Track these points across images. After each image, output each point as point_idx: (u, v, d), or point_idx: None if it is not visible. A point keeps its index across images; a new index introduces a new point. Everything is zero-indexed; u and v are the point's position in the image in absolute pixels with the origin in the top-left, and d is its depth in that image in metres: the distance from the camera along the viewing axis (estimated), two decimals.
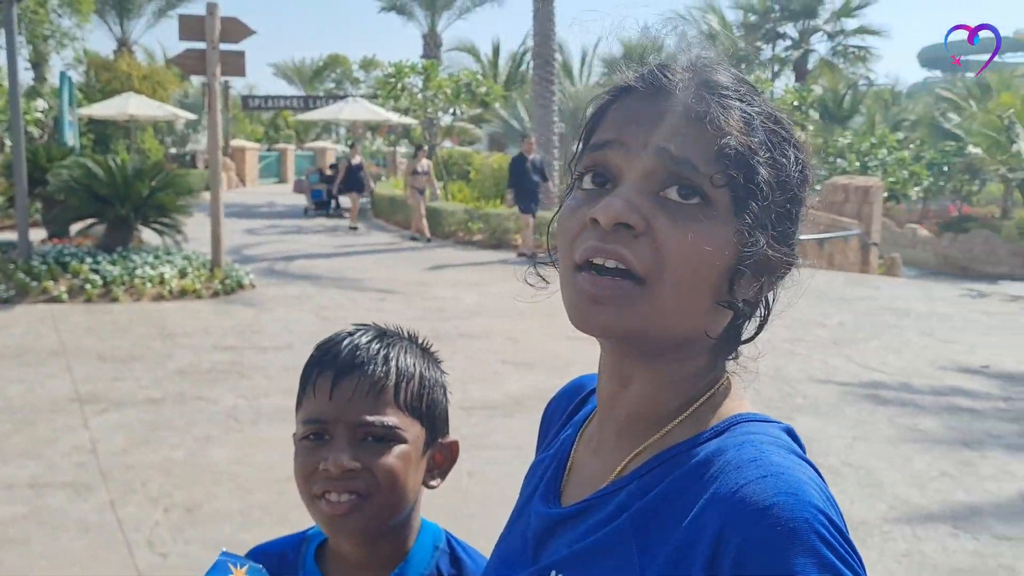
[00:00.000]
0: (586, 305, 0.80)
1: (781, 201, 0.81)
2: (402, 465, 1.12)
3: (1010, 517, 4.38)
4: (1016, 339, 8.65)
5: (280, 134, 42.06)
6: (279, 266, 12.62)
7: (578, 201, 0.83)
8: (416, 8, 29.68)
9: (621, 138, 0.81)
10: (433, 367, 1.22)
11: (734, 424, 0.82)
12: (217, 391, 6.20)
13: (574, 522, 0.86)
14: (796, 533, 0.68)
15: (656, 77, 0.83)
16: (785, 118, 0.85)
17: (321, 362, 1.15)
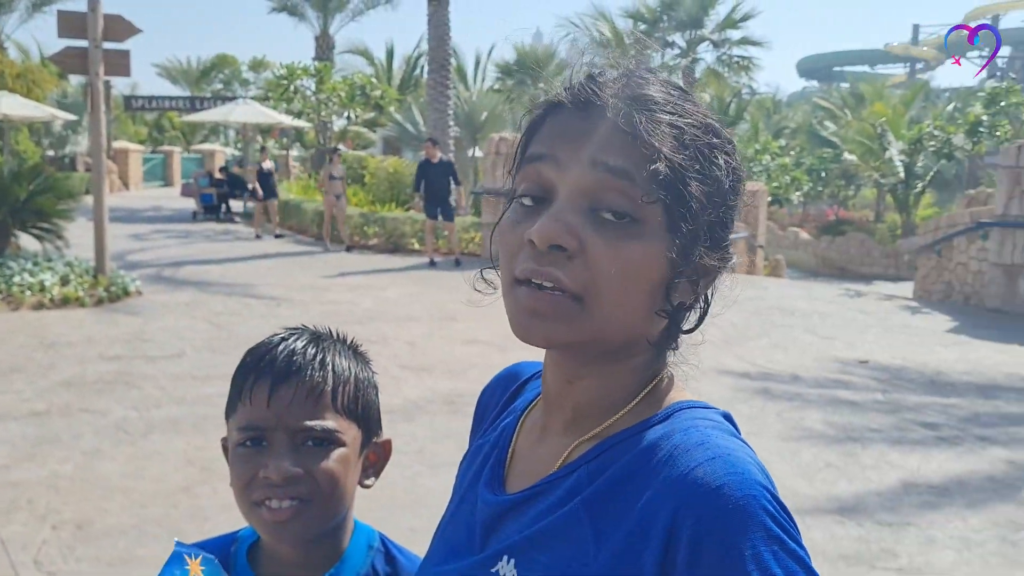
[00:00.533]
0: (527, 318, 0.82)
1: (713, 211, 0.83)
2: (342, 468, 1.13)
3: (891, 504, 4.64)
4: (890, 336, 9.14)
5: (165, 136, 40.64)
6: (167, 272, 12.20)
7: (517, 216, 0.84)
8: (308, 9, 29.17)
9: (554, 152, 0.82)
10: (365, 368, 1.22)
11: (677, 411, 0.85)
12: (105, 402, 5.95)
13: (523, 508, 0.87)
14: (746, 510, 0.73)
15: (586, 92, 0.84)
16: (716, 124, 0.86)
17: (257, 368, 1.13)
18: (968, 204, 14.84)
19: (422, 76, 31.52)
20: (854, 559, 3.97)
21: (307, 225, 17.79)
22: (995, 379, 7.42)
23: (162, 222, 19.89)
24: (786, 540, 0.73)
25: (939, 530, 4.31)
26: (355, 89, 18.53)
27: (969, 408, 6.48)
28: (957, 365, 7.85)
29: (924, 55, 66.45)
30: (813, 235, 23.55)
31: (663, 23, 28.13)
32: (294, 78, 18.19)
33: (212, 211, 21.07)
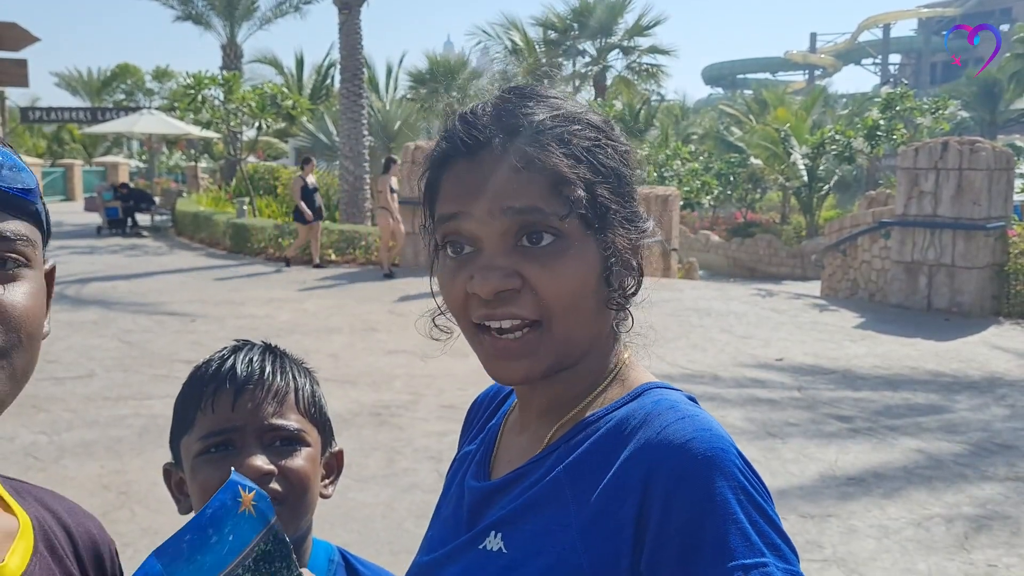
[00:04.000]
0: (501, 363, 0.88)
1: (619, 197, 0.90)
2: (311, 467, 1.12)
3: (812, 496, 4.77)
4: (802, 333, 9.42)
5: (65, 149, 39.16)
6: (71, 290, 11.73)
7: (451, 270, 0.89)
8: (214, 18, 28.48)
9: (466, 209, 0.86)
10: (315, 382, 1.22)
11: (645, 391, 0.91)
12: (11, 427, 5.68)
13: (508, 489, 0.92)
14: (714, 460, 0.77)
15: (468, 138, 0.87)
16: (594, 117, 0.91)
17: (216, 378, 1.13)
18: (868, 204, 15.42)
19: (333, 85, 31.19)
20: None
21: (219, 238, 17.36)
22: (902, 372, 7.71)
23: (64, 238, 19.14)
24: (753, 492, 0.77)
25: (859, 520, 4.45)
26: (266, 99, 18.17)
27: (880, 401, 6.73)
28: (866, 360, 8.14)
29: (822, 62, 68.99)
30: (724, 238, 24.13)
31: (574, 31, 28.48)
32: (201, 88, 17.73)
33: (118, 225, 20.39)
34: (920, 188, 10.98)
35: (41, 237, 0.90)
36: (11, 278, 0.83)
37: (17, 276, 0.84)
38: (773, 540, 0.76)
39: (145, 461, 5.08)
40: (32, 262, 0.86)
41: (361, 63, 18.61)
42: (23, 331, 0.83)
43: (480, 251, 0.86)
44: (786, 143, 22.38)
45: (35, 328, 0.85)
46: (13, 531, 0.90)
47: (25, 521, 0.92)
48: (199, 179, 28.35)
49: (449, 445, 5.52)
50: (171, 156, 34.19)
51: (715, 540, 0.74)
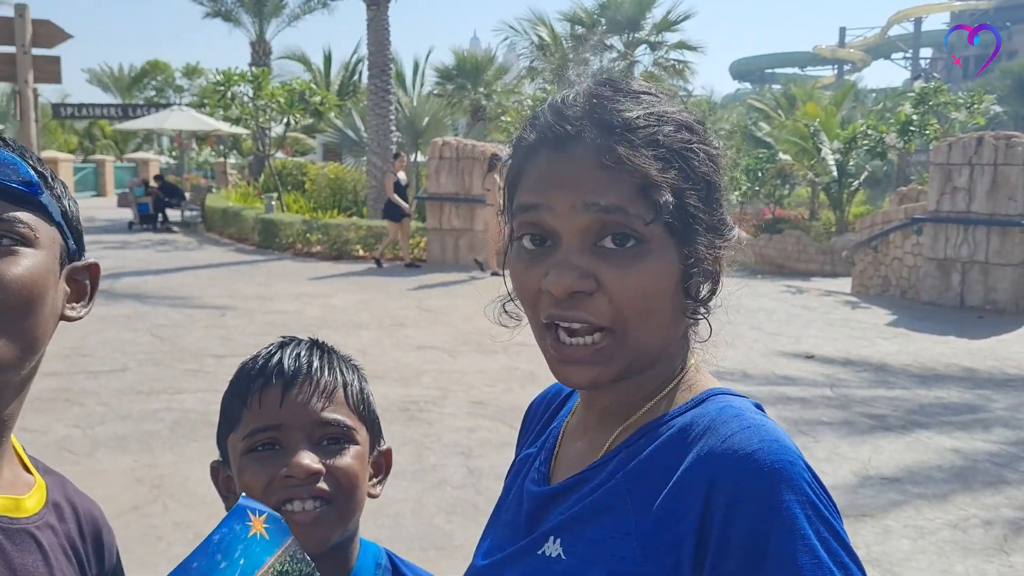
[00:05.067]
0: (568, 367, 0.86)
1: (707, 205, 0.87)
2: (359, 466, 1.09)
3: (845, 496, 4.71)
4: (833, 330, 9.33)
5: (97, 145, 39.63)
6: (104, 285, 11.80)
7: (524, 260, 0.87)
8: (243, 14, 28.67)
9: (547, 201, 0.84)
10: (363, 378, 1.19)
11: (709, 396, 0.88)
12: (45, 421, 5.75)
13: (567, 494, 0.90)
14: (781, 472, 0.75)
15: (558, 130, 0.85)
16: (688, 117, 0.88)
17: (264, 373, 1.09)
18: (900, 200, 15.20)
19: (361, 81, 31.30)
20: None
21: (247, 233, 17.49)
22: (935, 370, 7.61)
23: (96, 233, 19.36)
24: (821, 508, 0.75)
25: (894, 520, 4.39)
26: (294, 95, 18.27)
27: (913, 399, 6.64)
28: (899, 357, 8.04)
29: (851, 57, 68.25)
30: (751, 234, 23.92)
31: (601, 26, 28.36)
32: (231, 84, 17.86)
33: (149, 220, 20.62)
34: (953, 184, 10.83)
35: (54, 227, 0.97)
36: (8, 252, 0.91)
37: (14, 252, 0.91)
38: (842, 559, 0.73)
39: (177, 455, 5.12)
40: (32, 243, 0.93)
41: (389, 59, 18.65)
42: (14, 296, 0.89)
43: (558, 246, 0.84)
44: (816, 138, 22.15)
45: (30, 295, 0.91)
46: (31, 484, 1.02)
47: (41, 482, 1.04)
48: (228, 175, 28.59)
49: (478, 441, 5.52)
50: (200, 152, 34.49)
51: (780, 556, 0.72)
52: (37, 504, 1.01)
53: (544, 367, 0.93)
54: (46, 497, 1.03)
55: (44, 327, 0.94)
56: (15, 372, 0.93)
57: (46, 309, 0.94)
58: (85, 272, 1.03)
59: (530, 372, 6.97)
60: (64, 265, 0.99)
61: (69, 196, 1.02)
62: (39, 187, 0.95)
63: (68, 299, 1.01)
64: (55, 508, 1.04)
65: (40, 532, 0.99)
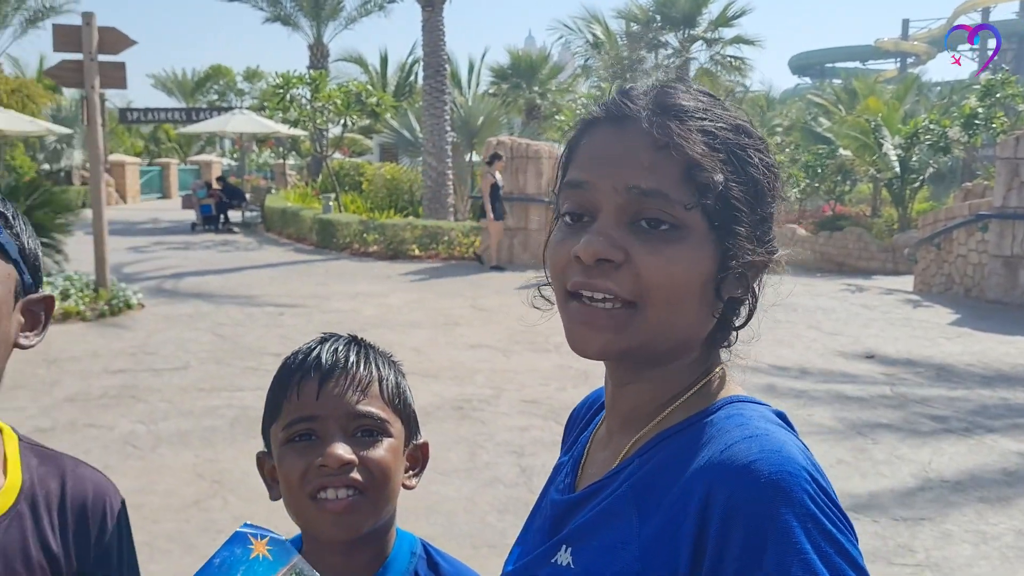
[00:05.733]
0: (583, 330, 0.85)
1: (752, 209, 0.86)
2: (392, 458, 1.13)
3: (905, 499, 4.62)
4: (894, 330, 9.13)
5: (162, 148, 40.62)
6: (168, 284, 12.18)
7: (562, 234, 0.88)
8: (301, 18, 29.14)
9: (592, 179, 0.85)
10: (401, 374, 1.24)
11: (725, 404, 0.87)
12: (111, 417, 5.93)
13: (585, 503, 0.90)
14: (778, 484, 0.73)
15: (619, 106, 0.87)
16: (747, 124, 0.89)
17: (303, 367, 1.15)
18: (965, 196, 14.79)
19: (417, 82, 31.54)
20: (871, 556, 3.95)
21: (306, 233, 17.77)
22: (1000, 370, 7.41)
23: (160, 234, 19.87)
24: (823, 521, 0.72)
25: (955, 525, 4.29)
26: (351, 96, 18.50)
27: (977, 400, 6.47)
28: (962, 357, 7.84)
29: (914, 49, 66.55)
30: (811, 231, 23.50)
31: (656, 23, 28.13)
32: (290, 87, 18.16)
33: (211, 221, 21.08)
34: (1021, 179, 10.52)
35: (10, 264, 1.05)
36: None
37: None
38: (842, 570, 0.71)
39: (237, 451, 5.24)
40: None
41: (443, 60, 18.77)
42: None
43: (595, 220, 0.85)
44: (877, 133, 21.66)
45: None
46: None
47: (13, 483, 1.09)
48: (287, 176, 29.08)
49: (531, 440, 5.54)
50: (260, 154, 35.13)
51: (775, 569, 0.70)
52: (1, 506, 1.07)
53: (597, 366, 0.94)
54: (14, 501, 1.08)
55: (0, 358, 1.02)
56: None
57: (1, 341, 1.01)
58: (40, 304, 1.10)
59: (583, 371, 6.97)
60: (19, 298, 1.07)
61: (30, 232, 1.09)
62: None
63: (22, 328, 1.08)
64: (29, 505, 1.10)
65: None
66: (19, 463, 1.11)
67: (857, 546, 0.74)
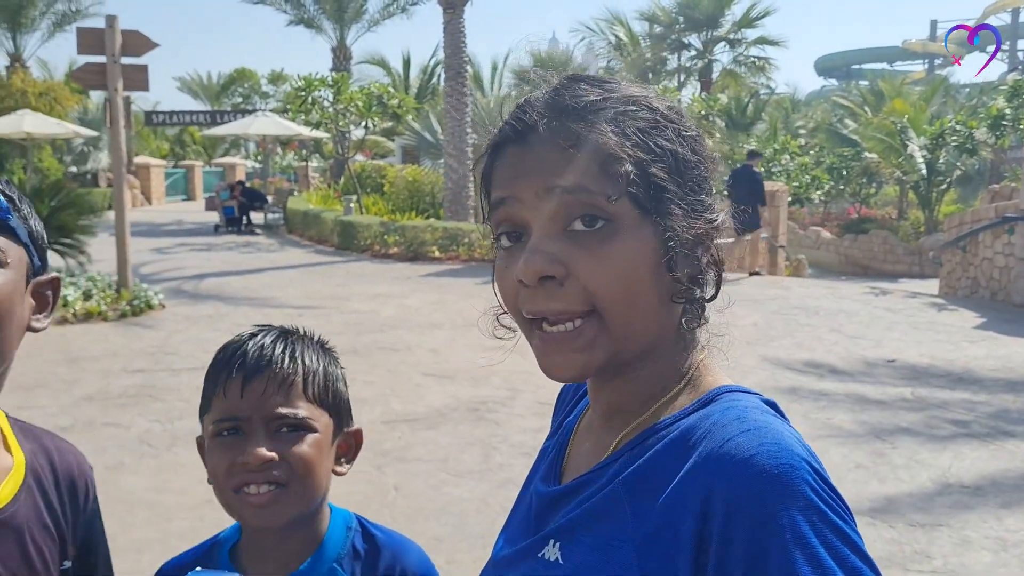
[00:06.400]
0: (554, 359, 0.84)
1: (679, 182, 0.84)
2: (315, 452, 1.17)
3: (923, 504, 4.55)
4: (918, 333, 9.01)
5: (187, 150, 41.00)
6: (189, 285, 12.27)
7: (504, 260, 0.87)
8: (324, 21, 29.32)
9: (514, 192, 0.84)
10: (333, 362, 1.27)
11: (718, 395, 0.85)
12: (128, 416, 5.97)
13: (571, 497, 0.89)
14: (780, 478, 0.71)
15: (517, 121, 0.85)
16: (656, 101, 0.87)
17: (229, 363, 1.18)
18: (991, 199, 14.58)
19: (439, 84, 31.63)
20: (887, 561, 3.89)
21: (327, 235, 17.86)
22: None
23: (184, 236, 20.04)
24: (827, 512, 0.71)
25: (974, 531, 4.22)
26: (372, 99, 18.57)
27: (1000, 405, 6.37)
28: (986, 362, 7.72)
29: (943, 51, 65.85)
30: (835, 234, 23.32)
31: (679, 24, 28.03)
32: (312, 89, 18.27)
33: (234, 223, 21.25)
34: None
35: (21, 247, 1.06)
36: None
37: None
38: (851, 563, 0.70)
39: None
40: (3, 265, 1.02)
41: (465, 61, 18.79)
42: None
43: (530, 237, 0.83)
44: (903, 135, 21.45)
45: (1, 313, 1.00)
46: (8, 468, 1.10)
47: (19, 459, 1.12)
48: (310, 178, 29.25)
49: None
50: (284, 156, 35.37)
51: (781, 566, 0.69)
52: (12, 489, 1.09)
53: None
54: (24, 475, 1.11)
55: (12, 341, 1.03)
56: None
57: (14, 324, 1.02)
58: (48, 285, 1.13)
59: None
60: (30, 281, 1.07)
61: (34, 215, 1.11)
62: (8, 211, 1.04)
63: (33, 311, 1.10)
64: (34, 479, 1.13)
65: (14, 518, 1.08)
66: (15, 440, 1.14)
67: (858, 532, 0.73)
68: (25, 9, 30.72)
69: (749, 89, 29.03)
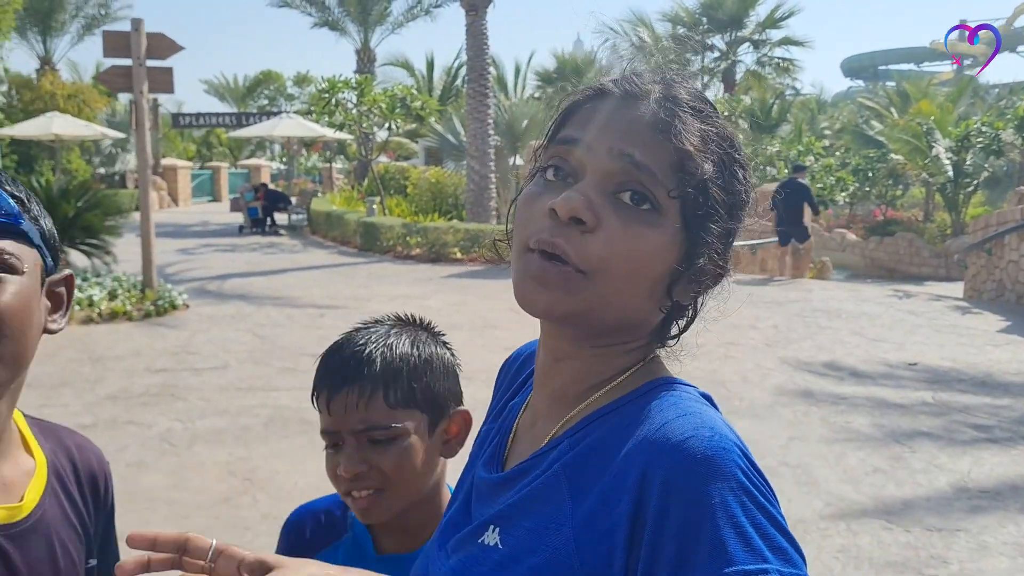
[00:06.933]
0: (531, 285, 0.84)
1: (726, 220, 0.87)
2: (406, 457, 1.24)
3: (940, 509, 4.52)
4: (940, 337, 8.93)
5: (213, 152, 41.37)
6: (213, 285, 12.39)
7: (540, 188, 0.87)
8: (349, 23, 29.48)
9: (587, 138, 0.86)
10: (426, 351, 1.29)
11: (656, 386, 0.87)
12: (150, 414, 6.05)
13: (512, 483, 0.90)
14: (713, 460, 0.74)
15: (630, 83, 0.88)
16: (738, 140, 0.90)
17: (320, 379, 1.27)
18: (1019, 200, 14.39)
19: (462, 86, 31.72)
20: (902, 566, 3.87)
21: (350, 236, 17.96)
22: None
23: (209, 236, 20.22)
24: (756, 494, 0.74)
25: (991, 536, 4.18)
26: (395, 100, 18.65)
27: (1022, 410, 6.30)
28: (1009, 366, 7.64)
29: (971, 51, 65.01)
30: (861, 236, 23.12)
31: (702, 25, 27.92)
32: (335, 91, 18.38)
33: (258, 224, 21.42)
34: None
35: (34, 250, 1.06)
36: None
37: (2, 280, 1.00)
38: (778, 543, 0.72)
39: (269, 450, 5.31)
40: (16, 270, 1.01)
41: (487, 63, 18.82)
42: (3, 322, 0.98)
43: (577, 181, 0.85)
44: (929, 136, 21.22)
45: (20, 321, 1.01)
46: (30, 471, 1.10)
47: (41, 461, 1.12)
48: (334, 179, 29.42)
49: None
50: (308, 158, 35.59)
51: (712, 544, 0.71)
52: (37, 493, 1.10)
53: None
54: (47, 477, 1.12)
55: (31, 346, 1.05)
56: (5, 388, 1.04)
57: (33, 329, 1.04)
58: (62, 283, 1.13)
59: None
60: (44, 281, 1.08)
61: (44, 213, 1.10)
62: (19, 216, 1.03)
63: (49, 312, 1.10)
64: (57, 480, 1.14)
65: (42, 522, 1.09)
66: (35, 441, 1.15)
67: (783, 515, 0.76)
68: (55, 13, 31.16)
69: (774, 90, 28.84)
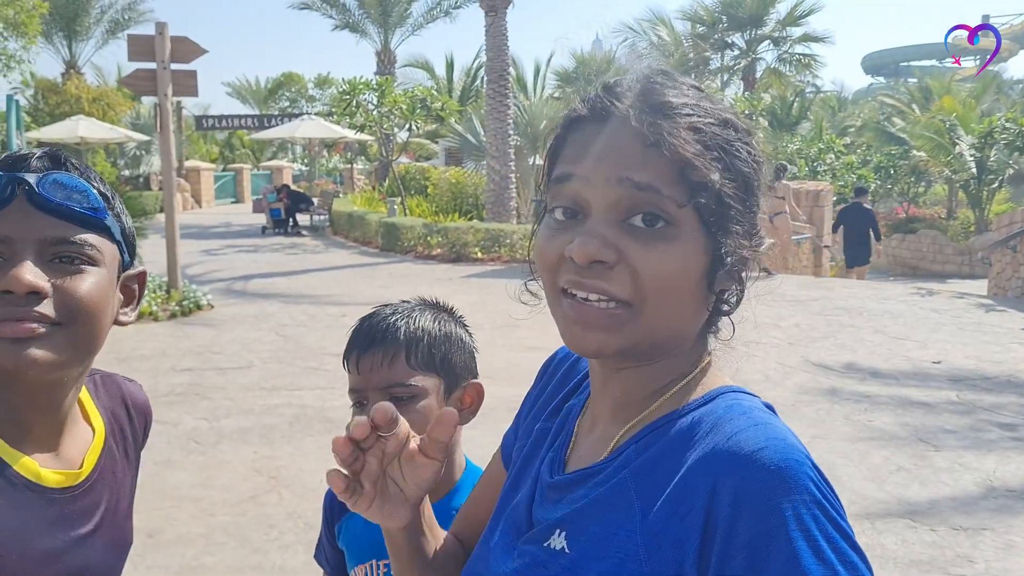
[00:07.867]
0: (578, 329, 0.84)
1: (743, 203, 0.86)
2: (424, 418, 1.34)
3: (965, 508, 4.49)
4: (964, 335, 8.86)
5: (236, 154, 41.65)
6: (237, 286, 12.49)
7: (552, 230, 0.87)
8: (369, 25, 29.63)
9: (582, 172, 0.84)
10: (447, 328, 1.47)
11: (720, 394, 0.87)
12: (176, 413, 6.12)
13: (576, 487, 0.90)
14: (786, 472, 0.74)
15: (603, 103, 0.86)
16: (734, 118, 0.88)
17: (351, 343, 1.42)
18: None
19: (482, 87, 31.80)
20: (927, 565, 3.86)
21: (371, 236, 18.04)
22: None
23: (232, 237, 20.38)
24: (828, 507, 0.74)
25: (1018, 535, 4.15)
26: (415, 101, 18.73)
27: None
28: None
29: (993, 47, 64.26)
30: (884, 234, 22.95)
31: (722, 23, 27.80)
32: (356, 93, 18.48)
33: (280, 225, 21.57)
34: None
35: (114, 245, 1.13)
36: (77, 271, 1.06)
37: (82, 271, 1.06)
38: (849, 557, 0.73)
39: (294, 448, 5.36)
40: (97, 262, 1.08)
41: (506, 64, 18.85)
42: (80, 310, 1.05)
43: (587, 218, 0.84)
44: (952, 133, 21.04)
45: (95, 309, 1.07)
46: (90, 440, 1.18)
47: (100, 427, 1.21)
48: (355, 180, 29.55)
49: None
50: (330, 159, 35.76)
51: (786, 557, 0.71)
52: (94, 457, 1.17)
53: None
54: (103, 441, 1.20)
55: (103, 334, 1.11)
56: (78, 372, 1.11)
57: (106, 319, 1.11)
58: (135, 279, 1.20)
59: None
60: (120, 275, 1.14)
61: (125, 211, 1.18)
62: (104, 211, 1.11)
63: (121, 305, 1.17)
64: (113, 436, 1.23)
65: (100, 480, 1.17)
66: (94, 405, 1.23)
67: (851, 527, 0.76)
68: (80, 17, 31.49)
69: (794, 88, 28.68)
